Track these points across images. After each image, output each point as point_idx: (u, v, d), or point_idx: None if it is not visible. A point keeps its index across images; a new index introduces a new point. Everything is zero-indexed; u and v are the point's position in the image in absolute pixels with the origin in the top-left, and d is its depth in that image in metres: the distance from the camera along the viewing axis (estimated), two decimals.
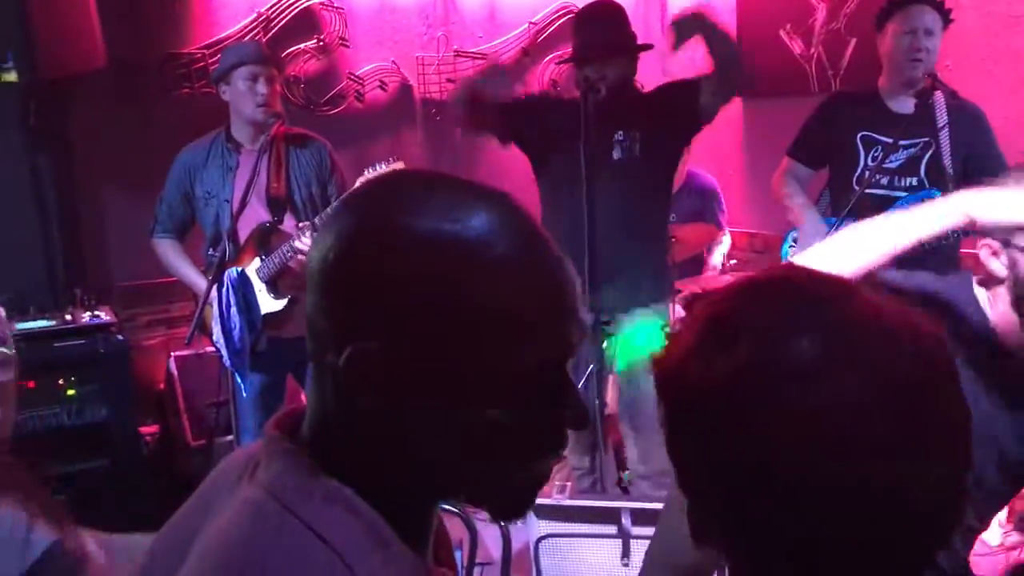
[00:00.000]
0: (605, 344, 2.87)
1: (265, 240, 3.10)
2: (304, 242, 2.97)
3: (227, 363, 2.76)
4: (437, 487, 0.78)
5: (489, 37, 4.55)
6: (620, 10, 2.92)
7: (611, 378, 2.94)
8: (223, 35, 3.96)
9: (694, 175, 4.38)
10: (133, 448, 3.37)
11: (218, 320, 2.71)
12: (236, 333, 2.70)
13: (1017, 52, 3.38)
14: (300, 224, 3.05)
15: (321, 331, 0.75)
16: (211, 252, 3.22)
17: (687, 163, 4.35)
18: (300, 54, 4.14)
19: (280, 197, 3.12)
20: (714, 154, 4.84)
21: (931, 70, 2.85)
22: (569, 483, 2.35)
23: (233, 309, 2.69)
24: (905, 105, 2.91)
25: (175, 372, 3.76)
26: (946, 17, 2.88)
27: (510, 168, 4.38)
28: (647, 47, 2.96)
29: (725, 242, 4.47)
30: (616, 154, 2.90)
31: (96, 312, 3.38)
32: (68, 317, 3.32)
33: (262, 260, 3.08)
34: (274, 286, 3.09)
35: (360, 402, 0.73)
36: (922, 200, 2.87)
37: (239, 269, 2.91)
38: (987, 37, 3.43)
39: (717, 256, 4.38)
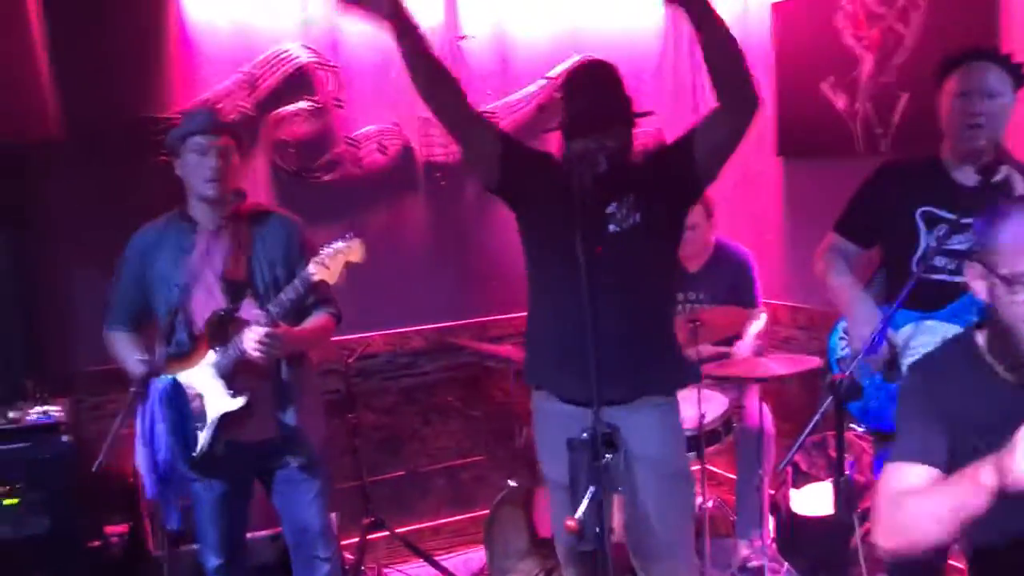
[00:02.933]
0: (608, 459, 2.43)
1: (221, 330, 2.76)
2: (257, 332, 2.62)
3: (150, 493, 2.36)
4: None
5: (501, 93, 4.17)
6: (613, 73, 2.52)
7: (616, 500, 2.48)
8: (204, 97, 3.64)
9: (723, 246, 3.93)
10: (78, 565, 2.99)
11: (140, 441, 2.31)
12: (162, 456, 2.31)
13: None
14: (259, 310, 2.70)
15: None
16: (158, 349, 2.87)
17: (714, 232, 3.92)
18: (291, 117, 3.80)
19: (238, 281, 2.79)
20: (752, 219, 4.39)
21: (997, 138, 2.39)
22: None
23: (160, 427, 2.30)
24: (971, 177, 2.44)
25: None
26: (1018, 75, 2.42)
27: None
28: (645, 114, 2.54)
29: (761, 319, 3.99)
30: (612, 227, 2.49)
31: (46, 409, 3.03)
32: (12, 415, 2.96)
33: (217, 353, 2.74)
34: (231, 382, 2.74)
35: None
36: None
37: (171, 378, 2.53)
38: None
39: (751, 335, 3.90)
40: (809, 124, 3.97)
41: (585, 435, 2.44)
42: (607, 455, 2.44)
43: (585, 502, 2.46)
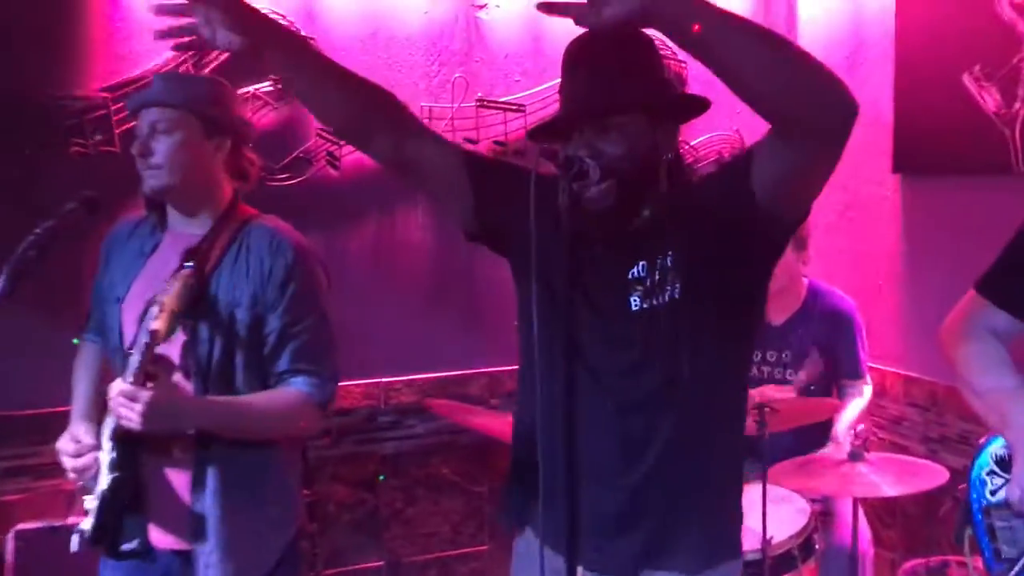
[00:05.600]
0: None
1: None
2: (111, 388, 1.85)
3: None
4: None
5: (531, 81, 3.25)
6: (638, 41, 1.57)
7: None
8: (137, 74, 2.83)
9: (819, 292, 2.96)
10: None
11: None
12: None
13: None
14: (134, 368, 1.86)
15: None
16: None
17: (804, 272, 2.94)
18: (248, 101, 2.95)
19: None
20: (856, 257, 3.35)
21: None
22: None
23: None
24: None
25: (10, 557, 2.58)
26: None
27: None
28: (700, 106, 1.59)
29: (864, 394, 2.97)
30: (635, 301, 1.55)
31: None
32: None
33: None
34: (121, 448, 1.93)
35: None
36: None
37: None
38: None
39: (850, 414, 2.88)
40: (942, 130, 2.92)
41: None
42: None
43: None
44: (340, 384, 3.00)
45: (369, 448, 3.19)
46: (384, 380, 3.19)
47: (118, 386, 1.82)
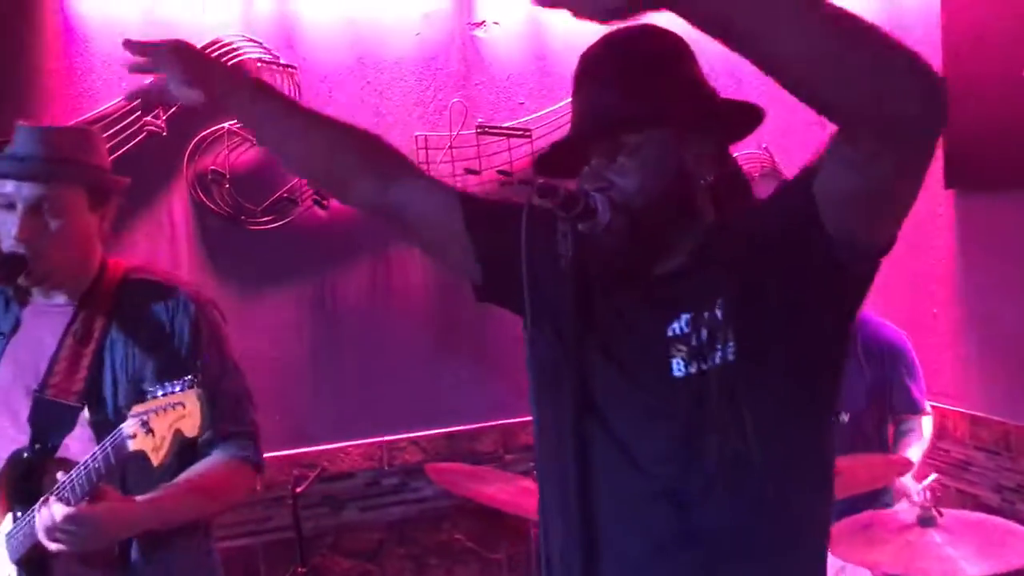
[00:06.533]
0: None
1: (25, 483, 1.70)
2: (52, 513, 1.56)
3: None
4: None
5: (536, 104, 2.96)
6: (664, 44, 1.27)
7: None
8: (96, 112, 2.58)
9: (864, 324, 2.71)
10: None
11: None
12: None
13: None
14: (60, 481, 1.61)
15: None
16: None
17: None
18: (224, 138, 2.69)
19: (63, 402, 1.70)
20: (908, 282, 3.02)
21: None
22: None
23: None
24: None
25: None
26: None
27: None
28: (749, 115, 1.29)
29: (926, 430, 2.66)
30: (678, 366, 1.23)
31: None
32: None
33: (15, 519, 1.71)
34: (32, 572, 1.68)
35: None
36: None
37: None
38: None
39: (914, 459, 2.56)
40: (999, 139, 2.62)
41: None
42: None
43: None
44: (337, 446, 2.83)
45: (373, 515, 2.90)
46: (386, 439, 2.90)
47: (60, 511, 1.54)
